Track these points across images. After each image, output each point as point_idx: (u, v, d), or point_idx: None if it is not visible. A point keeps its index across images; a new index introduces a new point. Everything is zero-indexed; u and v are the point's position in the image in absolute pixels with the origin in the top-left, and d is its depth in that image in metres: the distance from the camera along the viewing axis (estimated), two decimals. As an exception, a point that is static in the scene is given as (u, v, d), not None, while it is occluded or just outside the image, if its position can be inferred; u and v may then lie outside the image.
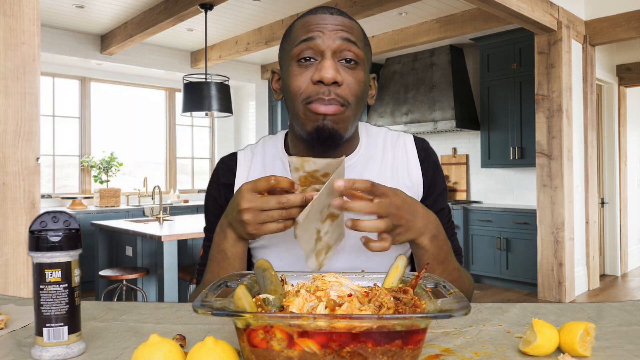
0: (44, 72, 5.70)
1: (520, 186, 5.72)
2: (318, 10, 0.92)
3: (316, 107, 0.87)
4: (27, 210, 1.70)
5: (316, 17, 0.91)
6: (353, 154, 0.99)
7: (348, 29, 0.90)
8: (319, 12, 0.92)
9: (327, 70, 0.86)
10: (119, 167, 6.07)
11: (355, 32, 0.91)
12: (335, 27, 0.89)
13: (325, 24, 0.89)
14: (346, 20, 0.91)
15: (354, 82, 0.89)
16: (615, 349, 0.62)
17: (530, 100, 5.23)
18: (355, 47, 0.89)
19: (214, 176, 1.06)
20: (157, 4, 4.72)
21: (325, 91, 0.87)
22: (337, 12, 0.92)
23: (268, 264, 0.66)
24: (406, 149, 1.01)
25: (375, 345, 0.53)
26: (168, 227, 4.02)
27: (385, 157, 1.01)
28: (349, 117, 0.90)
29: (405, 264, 0.69)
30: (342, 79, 0.88)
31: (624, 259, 6.07)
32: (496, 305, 0.83)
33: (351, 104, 0.89)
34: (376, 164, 1.00)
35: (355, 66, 0.90)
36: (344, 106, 0.88)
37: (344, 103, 0.88)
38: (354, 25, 0.92)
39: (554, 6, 4.43)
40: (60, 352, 0.61)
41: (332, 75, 0.85)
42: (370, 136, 1.03)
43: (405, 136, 1.03)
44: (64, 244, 0.62)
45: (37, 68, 1.74)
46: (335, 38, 0.88)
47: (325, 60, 0.87)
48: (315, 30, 0.89)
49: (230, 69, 6.81)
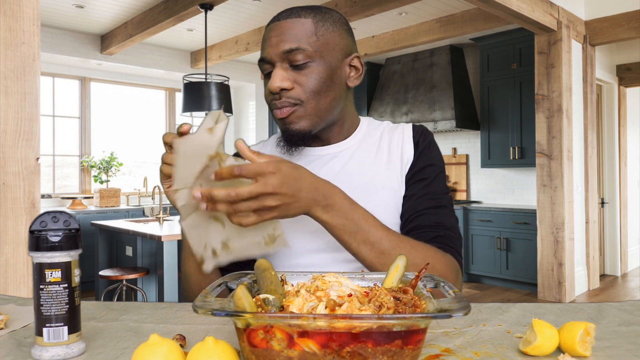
0: (44, 72, 5.70)
1: (520, 186, 5.72)
2: (271, 21, 0.97)
3: (275, 113, 0.96)
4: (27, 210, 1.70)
5: (269, 29, 0.96)
6: (348, 139, 1.03)
7: (290, 33, 0.93)
8: (271, 23, 0.97)
9: (272, 81, 0.92)
10: (119, 167, 6.07)
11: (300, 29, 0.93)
12: (278, 39, 0.93)
13: (271, 37, 0.94)
14: (289, 23, 0.93)
15: (307, 80, 0.93)
16: (615, 349, 0.62)
17: (530, 100, 5.23)
18: (299, 49, 0.92)
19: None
20: (157, 4, 4.72)
21: (277, 97, 0.94)
22: (286, 15, 0.95)
23: (268, 264, 0.66)
24: (403, 134, 1.02)
25: (375, 345, 0.53)
26: (168, 227, 4.02)
27: (382, 142, 1.02)
28: (306, 111, 0.94)
29: (405, 264, 0.69)
30: (291, 83, 0.93)
31: (624, 259, 6.07)
32: (496, 305, 0.83)
33: (306, 100, 0.93)
34: (373, 149, 1.02)
35: (306, 65, 0.93)
36: (296, 105, 0.93)
37: (296, 102, 0.93)
38: (300, 23, 0.93)
39: (554, 6, 4.43)
40: (60, 352, 0.61)
41: (276, 86, 0.92)
42: (371, 126, 1.06)
43: (405, 125, 1.05)
44: (64, 244, 0.62)
45: (37, 68, 1.74)
46: (278, 49, 0.92)
47: (274, 70, 0.93)
48: (266, 46, 0.95)
49: (230, 69, 6.81)
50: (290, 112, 0.93)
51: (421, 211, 0.95)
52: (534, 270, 4.91)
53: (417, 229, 0.93)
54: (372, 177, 0.99)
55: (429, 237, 0.91)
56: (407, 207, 0.97)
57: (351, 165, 1.00)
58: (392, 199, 0.97)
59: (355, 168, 0.99)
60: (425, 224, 0.93)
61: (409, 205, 0.96)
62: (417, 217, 0.95)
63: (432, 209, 0.95)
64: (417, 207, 0.95)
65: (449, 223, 0.95)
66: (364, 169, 1.00)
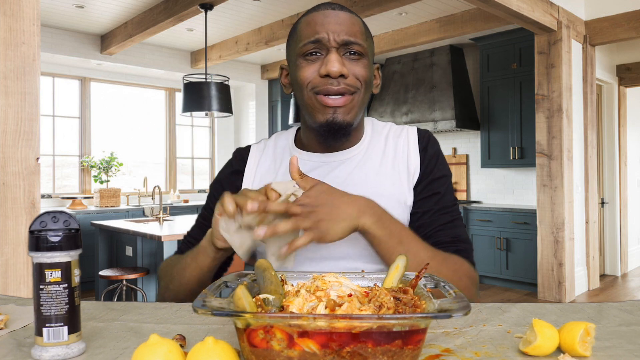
0: (44, 72, 5.70)
1: (520, 186, 5.72)
2: (321, 7, 0.96)
3: (325, 100, 0.92)
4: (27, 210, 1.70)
5: (319, 14, 0.94)
6: (355, 146, 1.02)
7: (350, 25, 0.93)
8: (322, 9, 0.95)
9: (332, 63, 0.90)
10: (119, 167, 6.07)
11: (357, 26, 0.94)
12: (338, 26, 0.92)
13: (329, 22, 0.92)
14: (348, 16, 0.94)
15: (360, 70, 0.93)
16: (615, 349, 0.62)
17: (530, 100, 5.23)
18: (358, 43, 0.93)
19: (228, 162, 1.12)
20: (157, 4, 4.72)
21: (334, 82, 0.91)
22: (339, 8, 0.95)
23: (268, 264, 0.66)
24: (408, 140, 1.02)
25: (375, 345, 0.53)
26: (168, 227, 4.02)
27: (387, 149, 1.02)
28: (357, 103, 0.94)
29: (405, 264, 0.69)
30: (348, 71, 0.92)
31: (624, 259, 6.07)
32: (496, 305, 0.83)
33: (360, 89, 0.94)
34: (378, 156, 1.01)
35: (359, 57, 0.94)
36: (353, 94, 0.93)
37: (354, 91, 0.93)
38: (356, 20, 0.95)
39: (554, 6, 4.43)
40: (60, 352, 0.61)
41: (338, 69, 0.90)
42: (375, 130, 1.06)
43: (409, 128, 1.05)
44: (64, 244, 0.62)
45: (37, 68, 1.74)
46: (339, 36, 0.91)
47: (330, 54, 0.91)
48: (320, 30, 0.92)
49: (230, 69, 6.81)
50: (348, 101, 0.92)
51: (438, 227, 0.96)
52: (534, 270, 4.90)
53: (436, 245, 0.94)
54: (378, 186, 0.98)
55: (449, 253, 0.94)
56: (422, 223, 0.97)
57: (357, 174, 0.99)
58: (398, 208, 0.97)
59: (361, 177, 0.99)
60: (444, 240, 0.96)
61: (425, 222, 0.97)
62: (435, 233, 0.96)
63: (447, 224, 0.97)
64: (434, 223, 0.97)
65: (464, 235, 0.98)
66: (369, 178, 0.99)
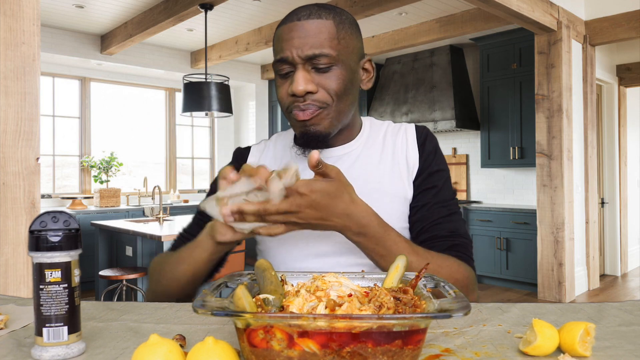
0: (44, 72, 5.70)
1: (520, 186, 5.72)
2: (288, 19, 0.93)
3: (296, 115, 0.93)
4: (27, 210, 1.70)
5: (285, 28, 0.92)
6: (353, 141, 1.02)
7: (316, 34, 0.90)
8: (288, 21, 0.93)
9: (297, 83, 0.90)
10: (119, 167, 6.07)
11: (325, 33, 0.91)
12: (301, 41, 0.90)
13: (293, 38, 0.90)
14: (314, 25, 0.90)
15: (331, 83, 0.91)
16: (615, 349, 0.62)
17: (530, 100, 5.23)
18: (324, 54, 0.90)
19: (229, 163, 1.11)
20: (157, 4, 4.72)
21: (300, 100, 0.91)
22: (306, 16, 0.91)
23: (268, 264, 0.66)
24: (407, 136, 1.02)
25: (375, 345, 0.53)
26: (168, 227, 4.02)
27: (386, 145, 1.02)
28: (329, 114, 0.93)
29: (405, 264, 0.69)
30: (315, 87, 0.91)
31: (624, 259, 6.07)
32: (496, 305, 0.82)
33: (331, 103, 0.93)
34: (377, 152, 1.02)
35: (329, 68, 0.91)
36: (321, 108, 0.92)
37: (322, 105, 0.92)
38: (324, 26, 0.91)
39: (554, 6, 4.43)
40: (60, 352, 0.61)
41: (302, 88, 0.90)
42: (373, 128, 1.06)
43: (407, 125, 1.05)
44: (64, 244, 0.62)
45: (37, 68, 1.74)
46: (302, 52, 0.90)
47: (297, 73, 0.90)
48: (286, 47, 0.91)
49: (230, 69, 6.81)
50: (314, 114, 0.92)
51: (435, 221, 0.96)
52: (534, 270, 4.90)
53: (433, 239, 0.94)
54: (376, 182, 0.98)
55: (445, 246, 0.93)
56: (420, 217, 0.97)
57: (355, 169, 0.99)
58: (397, 203, 0.97)
59: (359, 172, 0.98)
60: (441, 234, 0.95)
61: (422, 215, 0.97)
62: (432, 226, 0.96)
63: (445, 217, 0.96)
64: (431, 217, 0.96)
65: (462, 230, 0.97)
66: (368, 173, 0.99)
